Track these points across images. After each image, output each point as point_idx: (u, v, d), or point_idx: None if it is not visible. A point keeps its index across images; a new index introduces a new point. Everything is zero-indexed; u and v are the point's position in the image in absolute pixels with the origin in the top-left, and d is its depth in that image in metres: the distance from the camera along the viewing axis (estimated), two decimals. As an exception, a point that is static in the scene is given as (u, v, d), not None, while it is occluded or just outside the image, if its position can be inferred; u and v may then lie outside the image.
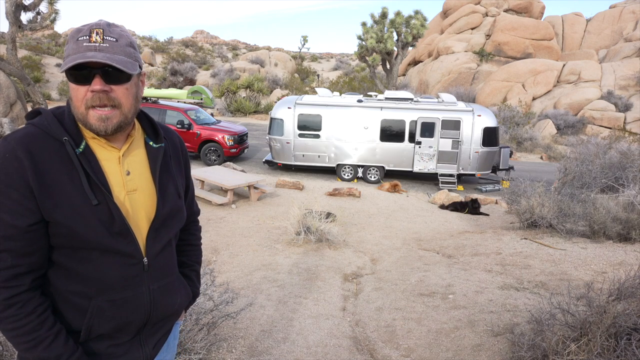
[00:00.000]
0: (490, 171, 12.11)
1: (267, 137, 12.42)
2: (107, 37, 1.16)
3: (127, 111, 1.21)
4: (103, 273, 1.21)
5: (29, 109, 15.45)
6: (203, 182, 9.04)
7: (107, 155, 1.24)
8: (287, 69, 42.15)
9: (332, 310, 4.07)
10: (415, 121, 11.63)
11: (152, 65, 41.79)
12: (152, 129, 1.38)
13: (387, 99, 12.25)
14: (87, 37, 1.15)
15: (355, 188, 9.91)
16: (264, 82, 30.93)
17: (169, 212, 1.34)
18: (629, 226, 5.60)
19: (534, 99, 24.08)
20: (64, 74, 1.25)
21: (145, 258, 1.28)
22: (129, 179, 1.26)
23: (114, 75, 1.16)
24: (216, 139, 12.49)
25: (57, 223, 1.13)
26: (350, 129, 11.84)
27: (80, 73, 1.14)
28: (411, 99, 12.25)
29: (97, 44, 1.14)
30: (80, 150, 1.17)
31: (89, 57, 1.12)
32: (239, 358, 3.12)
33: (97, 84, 1.15)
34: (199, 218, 1.69)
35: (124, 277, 1.24)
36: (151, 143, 1.35)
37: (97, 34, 1.15)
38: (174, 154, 1.44)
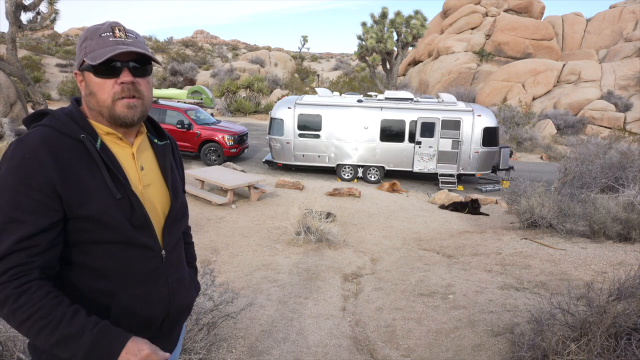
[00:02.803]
0: (490, 171, 12.11)
1: (267, 137, 12.42)
2: (129, 34, 1.23)
3: (147, 103, 1.28)
4: (125, 267, 1.22)
5: (29, 109, 15.44)
6: (203, 182, 9.04)
7: (121, 151, 1.27)
8: (287, 69, 42.16)
9: (332, 310, 4.07)
10: (415, 121, 11.63)
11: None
12: (154, 127, 1.43)
13: (387, 99, 12.25)
14: (111, 33, 1.20)
15: (355, 188, 9.91)
16: (264, 82, 30.92)
17: (180, 206, 1.39)
18: (629, 226, 5.61)
19: (534, 99, 24.08)
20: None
21: (163, 251, 1.30)
22: (143, 174, 1.30)
23: (139, 69, 1.23)
24: (216, 139, 12.49)
25: (83, 219, 1.14)
26: (350, 129, 11.84)
27: (109, 66, 1.18)
28: (411, 99, 12.24)
29: (122, 39, 1.20)
30: (98, 146, 1.20)
31: (123, 49, 1.17)
32: (239, 358, 3.12)
33: (128, 76, 1.20)
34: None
35: (146, 270, 1.26)
36: (156, 140, 1.39)
37: (119, 30, 1.21)
38: (172, 153, 1.49)
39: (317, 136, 11.93)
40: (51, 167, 1.11)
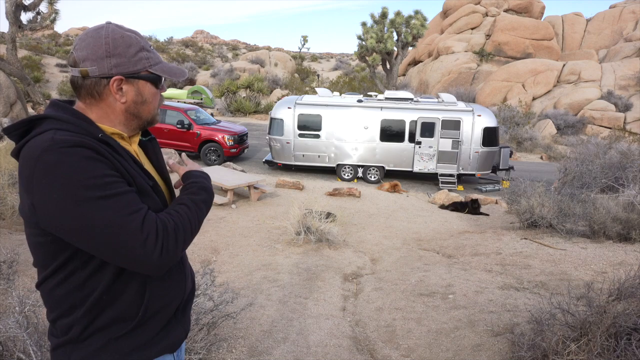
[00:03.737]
0: (490, 171, 12.11)
1: (267, 137, 12.42)
2: None
3: None
4: None
5: (29, 109, 15.44)
6: (203, 182, 9.03)
7: (127, 148, 1.31)
8: (287, 69, 42.18)
9: (332, 310, 4.07)
10: (415, 121, 11.63)
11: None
12: None
13: (387, 99, 12.24)
14: (153, 48, 1.33)
15: (355, 188, 9.91)
16: (264, 82, 30.93)
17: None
18: (629, 226, 5.60)
19: (534, 99, 24.08)
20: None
21: None
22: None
23: None
24: (216, 139, 12.48)
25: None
26: (350, 129, 11.84)
27: (161, 80, 1.33)
28: (411, 99, 12.24)
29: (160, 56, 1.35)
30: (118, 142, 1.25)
31: (185, 70, 1.37)
32: (239, 358, 3.12)
33: (165, 87, 1.37)
34: None
35: None
36: (141, 138, 1.44)
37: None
38: None
39: (317, 136, 11.92)
40: (101, 152, 1.10)
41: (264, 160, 12.97)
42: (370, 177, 12.07)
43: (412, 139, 11.73)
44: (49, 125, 1.13)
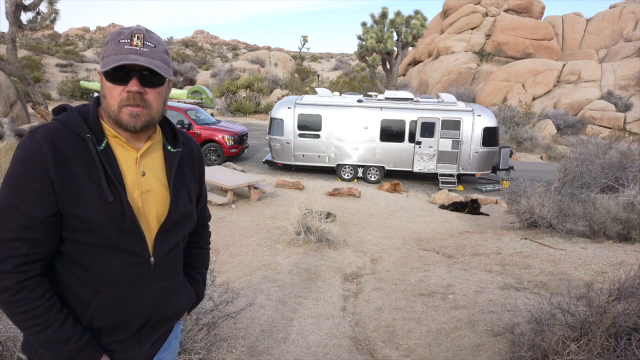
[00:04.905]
0: (490, 171, 12.11)
1: (267, 137, 12.41)
2: (147, 43, 1.24)
3: (155, 113, 1.29)
4: (109, 269, 1.24)
5: (29, 109, 15.45)
6: (203, 182, 9.03)
7: (125, 155, 1.28)
8: (287, 69, 42.19)
9: (332, 310, 4.07)
10: (415, 121, 11.63)
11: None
12: (172, 134, 1.42)
13: (387, 99, 12.24)
14: (129, 41, 1.22)
15: (355, 188, 9.91)
16: (264, 82, 30.93)
17: (180, 215, 1.37)
18: (629, 226, 5.60)
19: (534, 99, 24.08)
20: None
21: (152, 258, 1.30)
22: (144, 180, 1.30)
23: (149, 78, 1.24)
24: (216, 139, 12.48)
25: (72, 216, 1.18)
26: (350, 129, 11.83)
27: (118, 73, 1.21)
28: (411, 99, 12.24)
29: (138, 48, 1.22)
30: (102, 148, 1.22)
31: (132, 59, 1.19)
32: (239, 358, 3.12)
33: (134, 86, 1.22)
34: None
35: (130, 275, 1.27)
36: (169, 147, 1.39)
37: (138, 38, 1.23)
38: (190, 161, 1.47)
39: (317, 136, 11.92)
40: (50, 162, 1.15)
41: (264, 160, 12.97)
42: (370, 177, 12.07)
43: (412, 139, 11.73)
44: (60, 116, 1.26)
